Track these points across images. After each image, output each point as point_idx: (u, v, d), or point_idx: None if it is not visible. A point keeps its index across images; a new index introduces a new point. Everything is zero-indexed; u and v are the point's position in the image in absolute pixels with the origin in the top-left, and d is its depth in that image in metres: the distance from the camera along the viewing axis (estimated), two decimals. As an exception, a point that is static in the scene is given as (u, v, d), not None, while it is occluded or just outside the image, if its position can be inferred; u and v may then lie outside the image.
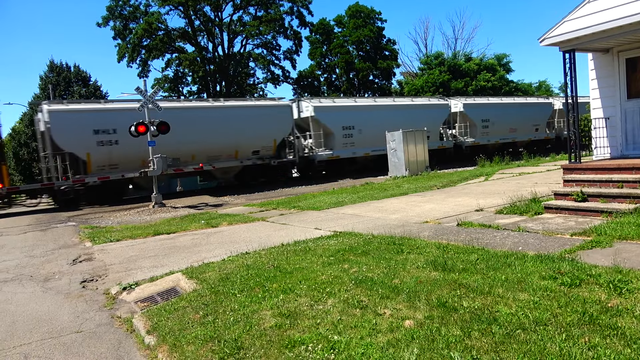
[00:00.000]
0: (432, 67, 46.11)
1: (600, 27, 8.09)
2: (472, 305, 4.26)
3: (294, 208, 13.48)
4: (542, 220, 8.13)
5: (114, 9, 42.46)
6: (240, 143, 23.28)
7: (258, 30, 46.04)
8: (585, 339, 3.46)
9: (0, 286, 7.19)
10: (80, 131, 19.28)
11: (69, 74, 44.01)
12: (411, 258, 6.09)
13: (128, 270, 7.55)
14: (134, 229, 11.92)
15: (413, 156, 22.55)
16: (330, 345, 3.76)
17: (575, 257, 5.47)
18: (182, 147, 21.09)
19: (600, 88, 9.59)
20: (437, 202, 11.76)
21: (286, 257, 6.88)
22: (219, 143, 22.68)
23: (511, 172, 17.79)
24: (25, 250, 10.21)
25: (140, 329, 4.84)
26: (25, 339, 4.92)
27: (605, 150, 9.70)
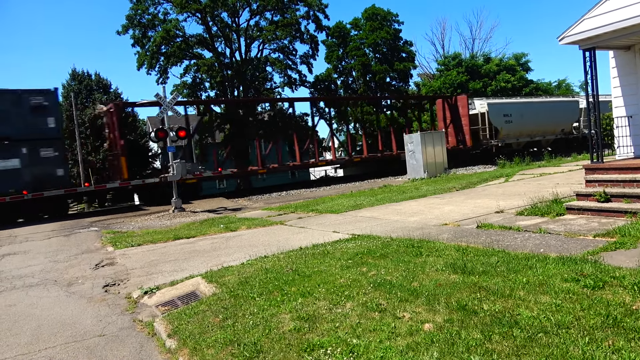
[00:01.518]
0: (450, 68, 45.75)
1: (621, 24, 7.94)
2: (492, 308, 4.22)
3: (312, 211, 13.50)
4: (564, 221, 8.00)
5: (133, 17, 43.13)
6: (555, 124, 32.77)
7: (275, 35, 46.26)
8: (609, 342, 3.40)
9: (26, 291, 7.36)
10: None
11: (90, 81, 44.85)
12: (430, 261, 6.04)
13: (149, 274, 7.65)
14: (154, 234, 12.07)
15: (431, 158, 22.41)
16: (349, 349, 3.76)
17: (598, 259, 5.37)
18: (528, 128, 31.07)
19: (622, 86, 9.40)
20: (456, 204, 11.66)
21: (305, 260, 6.90)
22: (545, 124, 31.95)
23: (532, 173, 17.53)
24: (50, 255, 10.42)
25: (162, 332, 4.90)
26: (50, 343, 5.02)
27: (628, 149, 9.50)
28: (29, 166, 17.40)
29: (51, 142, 18.24)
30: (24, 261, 9.95)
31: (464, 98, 30.66)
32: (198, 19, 44.38)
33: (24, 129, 16.82)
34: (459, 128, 30.45)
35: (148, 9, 43.78)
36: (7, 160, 16.26)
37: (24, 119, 17.42)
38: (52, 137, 18.28)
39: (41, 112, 17.87)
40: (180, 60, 45.39)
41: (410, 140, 22.76)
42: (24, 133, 17.13)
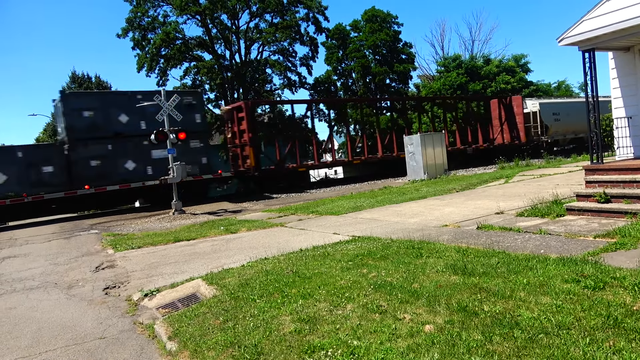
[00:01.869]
0: (450, 69, 45.78)
1: (620, 25, 7.95)
2: (493, 309, 4.22)
3: (313, 213, 13.50)
4: (564, 222, 8.00)
5: (133, 20, 43.20)
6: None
7: (274, 37, 46.33)
8: (609, 343, 3.40)
9: (27, 293, 7.35)
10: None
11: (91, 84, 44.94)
12: (430, 262, 6.04)
13: (149, 276, 7.65)
14: (154, 236, 12.07)
15: (431, 159, 22.40)
16: (350, 351, 3.75)
17: (598, 260, 5.37)
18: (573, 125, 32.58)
19: (622, 87, 9.41)
20: (456, 206, 11.66)
21: (305, 262, 6.90)
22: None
23: (532, 174, 17.54)
24: (50, 258, 10.42)
25: (162, 334, 4.90)
26: (50, 345, 5.02)
27: (628, 150, 9.50)
28: (183, 155, 19.44)
29: (198, 134, 21.25)
30: (24, 264, 9.95)
31: (518, 98, 33.33)
32: (198, 21, 44.43)
33: (179, 124, 18.90)
34: (513, 125, 32.91)
35: (148, 11, 43.84)
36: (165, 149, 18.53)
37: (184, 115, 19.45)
38: (198, 131, 21.23)
39: (191, 109, 20.83)
40: (180, 63, 45.46)
41: (410, 141, 22.76)
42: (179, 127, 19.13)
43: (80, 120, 18.93)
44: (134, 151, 19.69)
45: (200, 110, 21.76)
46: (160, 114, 17.44)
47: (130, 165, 19.53)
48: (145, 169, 19.77)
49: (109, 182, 18.95)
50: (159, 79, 45.29)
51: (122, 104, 19.93)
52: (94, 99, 20.06)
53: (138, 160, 19.82)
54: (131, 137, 19.72)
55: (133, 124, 19.88)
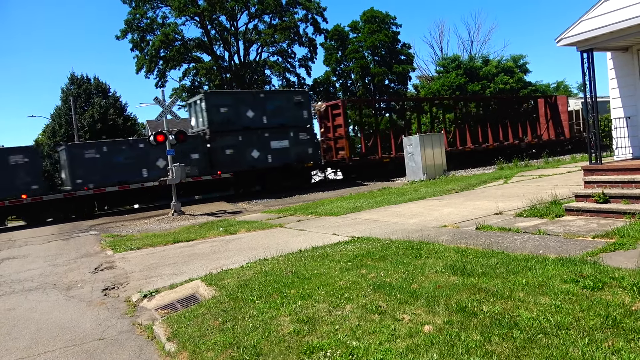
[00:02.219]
0: (449, 70, 45.82)
1: (618, 25, 7.96)
2: (492, 309, 4.22)
3: (312, 214, 13.50)
4: (563, 222, 8.01)
5: (132, 22, 43.22)
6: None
7: (273, 38, 46.37)
8: (608, 343, 3.40)
9: (25, 295, 7.35)
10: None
11: (89, 85, 44.89)
12: (430, 263, 6.04)
13: (148, 277, 7.64)
14: (153, 237, 12.06)
15: (430, 160, 22.41)
16: (349, 351, 3.75)
17: (597, 260, 5.37)
18: None
19: (620, 87, 9.42)
20: (455, 206, 11.66)
21: (304, 263, 6.89)
22: None
23: (531, 175, 17.55)
24: (49, 259, 10.41)
25: (161, 335, 4.90)
26: (49, 347, 5.01)
27: (626, 150, 9.51)
28: (293, 145, 23.66)
29: (305, 128, 24.38)
30: (23, 265, 9.94)
31: (563, 98, 35.28)
32: (196, 23, 44.48)
33: (291, 119, 23.58)
34: (558, 123, 34.83)
35: (146, 13, 43.86)
36: (282, 140, 23.08)
37: (291, 112, 23.78)
38: (305, 125, 24.43)
39: (299, 106, 24.11)
40: (179, 64, 45.48)
41: (409, 142, 22.77)
42: (291, 122, 23.67)
43: (218, 115, 21.96)
44: (257, 142, 22.87)
45: (307, 107, 24.70)
46: (160, 115, 17.45)
47: (255, 154, 22.90)
48: (266, 157, 23.15)
49: (239, 168, 22.39)
50: (158, 80, 45.32)
51: (249, 101, 23.07)
52: (228, 97, 23.18)
53: (261, 149, 23.01)
54: (255, 130, 22.83)
55: (257, 118, 23.00)
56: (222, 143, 21.98)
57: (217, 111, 21.84)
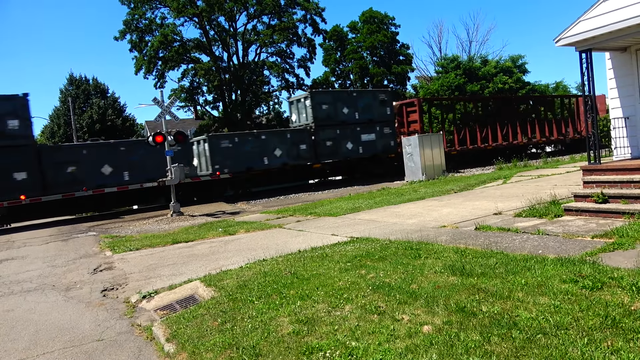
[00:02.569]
0: (448, 70, 45.84)
1: (616, 25, 7.98)
2: (491, 309, 4.22)
3: (311, 214, 13.50)
4: (562, 222, 8.01)
5: (131, 22, 43.17)
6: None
7: (272, 39, 46.35)
8: (607, 343, 3.40)
9: (24, 296, 7.33)
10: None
11: (88, 86, 44.90)
12: (429, 263, 6.04)
13: (147, 278, 7.64)
14: (152, 238, 12.06)
15: (429, 160, 22.42)
16: (348, 352, 3.75)
17: (596, 260, 5.38)
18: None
19: (619, 87, 9.44)
20: (454, 206, 11.67)
21: (303, 263, 6.89)
22: None
23: (529, 175, 17.57)
24: (48, 260, 10.39)
25: (160, 336, 4.89)
26: (48, 348, 5.00)
27: (625, 150, 9.53)
28: (379, 138, 26.44)
29: (388, 123, 27.05)
30: (21, 266, 9.93)
31: (602, 97, 34.98)
32: (195, 23, 44.45)
33: (377, 115, 26.49)
34: None
35: (145, 13, 43.81)
36: (370, 134, 26.01)
37: (377, 109, 26.60)
38: (389, 120, 27.09)
39: (384, 104, 26.89)
40: (178, 65, 45.42)
41: (408, 142, 22.77)
42: (377, 117, 26.41)
43: (321, 111, 24.70)
44: (351, 135, 25.49)
45: (390, 105, 27.35)
46: (159, 116, 17.44)
47: (349, 145, 25.54)
48: (357, 149, 25.73)
49: (336, 158, 25.28)
50: (157, 80, 45.27)
51: (344, 99, 25.69)
52: (328, 96, 25.99)
53: (353, 142, 25.61)
54: (349, 125, 25.49)
55: (350, 115, 25.67)
56: (324, 136, 24.84)
57: (320, 108, 24.72)
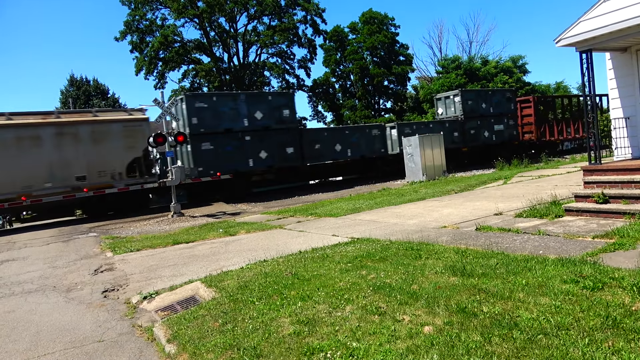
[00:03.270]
0: (449, 70, 45.89)
1: (617, 26, 7.98)
2: (492, 310, 4.22)
3: (311, 215, 13.50)
4: (563, 223, 8.01)
5: (131, 23, 43.24)
6: None
7: (272, 40, 46.41)
8: (608, 343, 3.40)
9: (25, 297, 7.34)
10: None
11: (89, 87, 44.94)
12: (429, 263, 6.04)
13: (148, 279, 7.64)
14: (153, 239, 12.06)
15: (430, 161, 22.43)
16: (349, 352, 3.75)
17: (597, 260, 5.37)
18: None
19: (619, 87, 9.44)
20: (455, 207, 11.67)
21: (304, 264, 6.89)
22: None
23: (530, 175, 17.56)
24: (48, 261, 10.40)
25: (161, 337, 4.89)
26: (49, 349, 5.00)
27: (626, 150, 9.53)
28: (506, 129, 31.67)
29: (513, 116, 32.24)
30: (22, 267, 9.93)
31: None
32: (196, 24, 44.50)
33: (505, 109, 31.71)
34: None
35: (146, 14, 43.85)
36: (499, 125, 31.29)
37: (505, 104, 31.66)
38: (513, 113, 32.25)
39: (509, 100, 32.07)
40: (179, 65, 45.49)
41: (409, 143, 22.77)
42: (504, 111, 31.54)
43: (467, 106, 29.82)
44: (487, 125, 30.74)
45: (514, 101, 32.58)
46: (159, 117, 17.46)
47: (486, 134, 30.76)
48: (492, 136, 31.04)
49: (475, 144, 30.22)
50: (157, 81, 45.32)
51: (483, 96, 31.03)
52: (473, 94, 31.16)
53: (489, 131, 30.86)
54: (487, 117, 30.70)
55: (487, 109, 30.80)
56: (470, 126, 29.91)
57: (467, 103, 29.83)
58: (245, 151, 21.88)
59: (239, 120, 21.74)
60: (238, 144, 21.71)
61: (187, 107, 20.49)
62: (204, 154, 20.81)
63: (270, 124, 22.57)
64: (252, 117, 22.01)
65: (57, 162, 18.04)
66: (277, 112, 22.90)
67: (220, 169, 21.11)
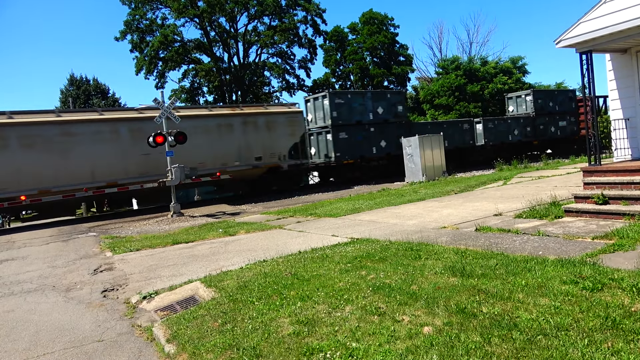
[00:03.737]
0: (449, 71, 45.91)
1: (617, 27, 7.99)
2: (491, 311, 4.22)
3: (311, 215, 13.50)
4: (563, 224, 8.01)
5: (131, 23, 43.22)
6: None
7: (273, 40, 46.39)
8: (608, 344, 3.40)
9: (24, 296, 7.33)
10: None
11: (89, 87, 44.93)
12: (429, 264, 6.04)
13: (148, 279, 7.64)
14: (153, 239, 12.06)
15: (430, 161, 22.42)
16: (349, 353, 3.75)
17: (597, 261, 5.38)
18: None
19: (619, 89, 9.44)
20: (454, 207, 11.67)
21: (303, 264, 6.89)
22: None
23: (530, 176, 17.57)
24: (48, 260, 10.39)
25: (160, 337, 4.89)
26: (49, 348, 5.00)
27: (626, 151, 9.53)
28: (568, 125, 35.36)
29: (574, 114, 35.59)
30: (22, 267, 9.93)
31: None
32: (196, 24, 44.49)
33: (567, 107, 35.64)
34: None
35: (146, 14, 43.84)
36: (563, 121, 35.10)
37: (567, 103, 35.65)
38: (574, 112, 35.74)
39: (571, 100, 35.82)
40: (179, 65, 45.46)
41: (409, 143, 22.76)
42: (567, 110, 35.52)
43: (537, 104, 33.57)
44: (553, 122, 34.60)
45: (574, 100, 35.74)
46: (159, 117, 17.45)
47: (552, 129, 34.67)
48: (557, 131, 34.81)
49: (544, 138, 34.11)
50: (158, 81, 45.29)
51: (551, 96, 34.97)
52: (542, 93, 35.00)
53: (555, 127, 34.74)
54: (553, 114, 34.50)
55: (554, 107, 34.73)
56: (540, 122, 33.77)
57: (537, 102, 33.72)
58: (370, 140, 25.79)
59: (366, 114, 25.75)
60: (365, 134, 25.59)
61: (329, 103, 24.44)
62: (340, 142, 24.71)
63: (388, 118, 26.58)
64: (375, 111, 26.07)
65: (244, 145, 22.52)
66: (393, 107, 26.96)
67: (352, 155, 25.12)
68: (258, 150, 22.70)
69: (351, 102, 25.15)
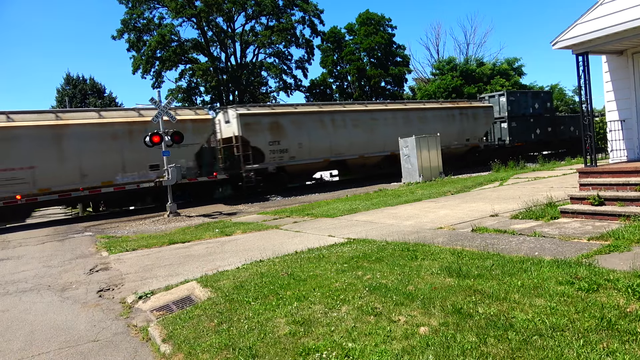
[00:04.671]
0: (445, 72, 45.97)
1: (613, 29, 8.02)
2: (487, 311, 4.22)
3: (308, 216, 13.49)
4: (559, 224, 8.03)
5: (128, 22, 43.10)
6: None
7: (270, 40, 46.35)
8: (603, 344, 3.41)
9: (20, 296, 7.30)
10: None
11: (85, 86, 44.79)
12: (425, 264, 6.05)
13: (144, 279, 7.62)
14: (149, 238, 12.03)
15: (427, 162, 22.42)
16: (345, 353, 3.75)
17: (592, 262, 5.39)
18: None
19: (615, 90, 9.48)
20: (451, 208, 11.69)
21: (300, 264, 6.89)
22: None
23: (526, 177, 17.61)
24: (43, 260, 10.36)
25: (156, 337, 4.88)
26: (44, 348, 4.98)
27: (621, 153, 9.57)
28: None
29: None
30: (17, 266, 9.89)
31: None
32: (193, 24, 44.40)
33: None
34: None
35: (143, 13, 43.73)
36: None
37: None
38: None
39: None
40: (176, 65, 45.35)
41: (405, 144, 22.78)
42: None
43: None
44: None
45: None
46: (156, 116, 17.42)
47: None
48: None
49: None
50: (155, 80, 45.17)
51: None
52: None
53: None
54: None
55: None
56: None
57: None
58: (529, 129, 32.93)
59: (527, 108, 33.06)
60: (527, 124, 32.72)
61: (506, 100, 31.95)
62: (513, 130, 32.04)
63: (541, 112, 33.69)
64: (533, 107, 33.34)
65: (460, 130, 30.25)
66: (544, 104, 34.32)
67: (519, 140, 32.21)
68: (468, 134, 30.54)
69: (520, 100, 32.73)
